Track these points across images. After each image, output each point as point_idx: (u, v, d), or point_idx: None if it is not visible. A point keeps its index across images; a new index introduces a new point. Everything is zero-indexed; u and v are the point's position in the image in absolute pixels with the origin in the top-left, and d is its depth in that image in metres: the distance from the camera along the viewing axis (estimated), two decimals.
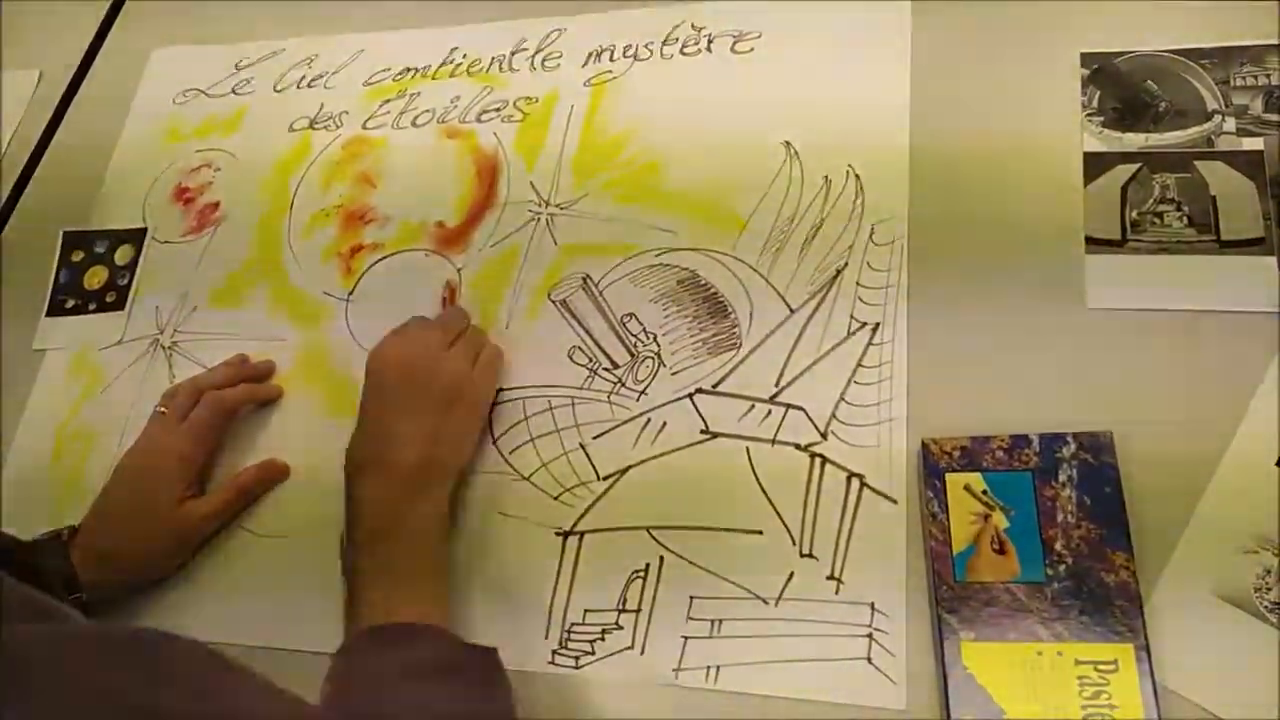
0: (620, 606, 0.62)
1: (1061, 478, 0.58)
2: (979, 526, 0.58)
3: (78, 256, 0.85)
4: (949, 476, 0.60)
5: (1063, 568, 0.56)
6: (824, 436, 0.64)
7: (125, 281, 0.83)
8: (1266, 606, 0.54)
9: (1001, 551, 0.57)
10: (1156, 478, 0.58)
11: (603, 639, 0.62)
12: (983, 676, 0.55)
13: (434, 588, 0.61)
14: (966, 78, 0.72)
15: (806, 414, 0.65)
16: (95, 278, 0.84)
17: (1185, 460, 0.58)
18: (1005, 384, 0.62)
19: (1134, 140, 0.67)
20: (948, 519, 0.58)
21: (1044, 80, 0.71)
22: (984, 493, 0.59)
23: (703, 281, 0.71)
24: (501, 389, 0.71)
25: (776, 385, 0.66)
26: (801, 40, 0.78)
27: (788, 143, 0.74)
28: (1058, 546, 0.57)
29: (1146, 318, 0.62)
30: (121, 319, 0.82)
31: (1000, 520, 0.58)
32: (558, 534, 0.65)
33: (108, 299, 0.83)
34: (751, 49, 0.78)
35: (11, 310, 0.81)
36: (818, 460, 0.63)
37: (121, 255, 0.85)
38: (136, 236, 0.85)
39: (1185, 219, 0.64)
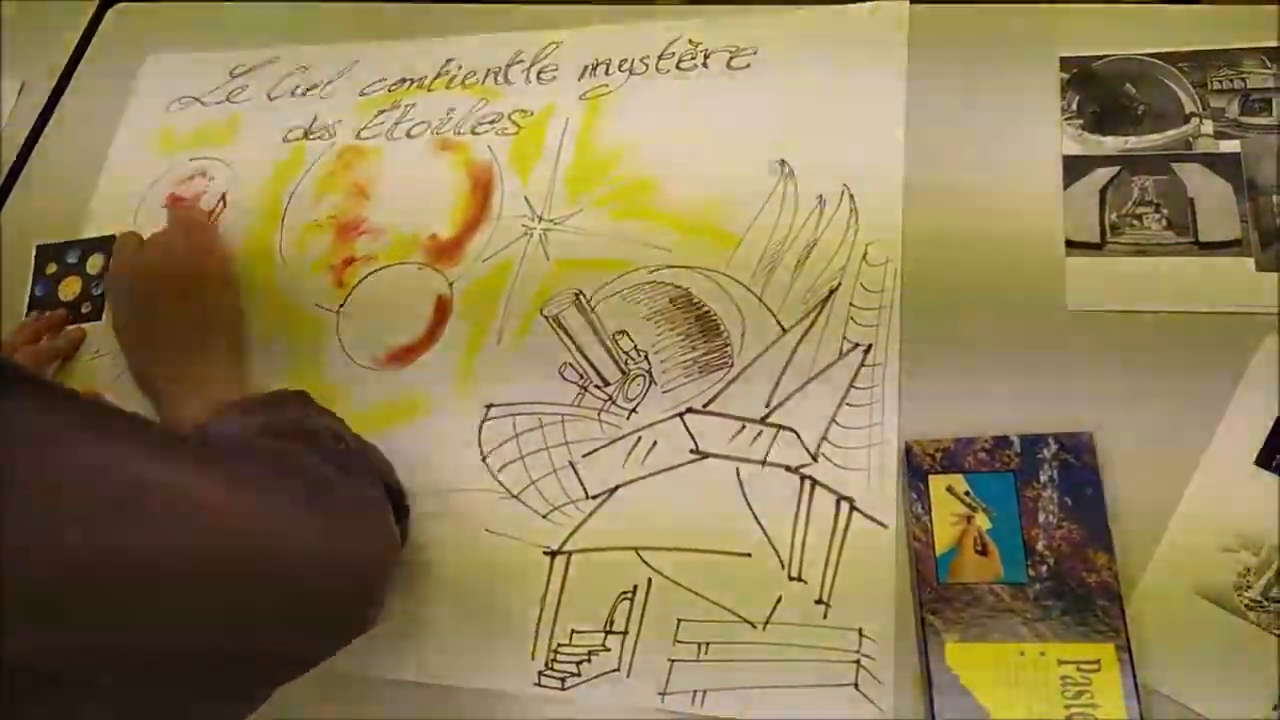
0: (607, 628, 0.62)
1: (1043, 478, 0.58)
2: (961, 528, 0.58)
3: (51, 269, 0.85)
4: (931, 478, 0.60)
5: (1044, 568, 0.57)
6: (814, 459, 0.63)
7: (99, 291, 0.83)
8: (1247, 604, 0.54)
9: (984, 552, 0.57)
10: (1137, 477, 0.58)
11: (589, 661, 0.61)
12: (966, 677, 0.55)
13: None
14: (955, 92, 0.72)
15: (797, 435, 0.64)
16: (69, 289, 0.84)
17: (1165, 459, 0.58)
18: (987, 385, 0.63)
19: (1113, 143, 0.68)
20: (930, 520, 0.59)
21: (1023, 84, 0.71)
22: (966, 494, 0.59)
23: (695, 300, 0.70)
24: (491, 405, 0.70)
25: (767, 406, 0.66)
26: (798, 57, 0.77)
27: (783, 161, 0.73)
28: (1039, 547, 0.57)
29: (1126, 319, 0.63)
30: (98, 329, 0.81)
31: (982, 521, 0.58)
32: (545, 553, 0.65)
33: (83, 309, 0.83)
34: (748, 65, 0.78)
35: None
36: (808, 483, 0.63)
37: (93, 265, 0.84)
38: (106, 245, 0.84)
39: (1164, 221, 0.65)
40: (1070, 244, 0.65)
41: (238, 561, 0.46)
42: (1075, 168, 0.68)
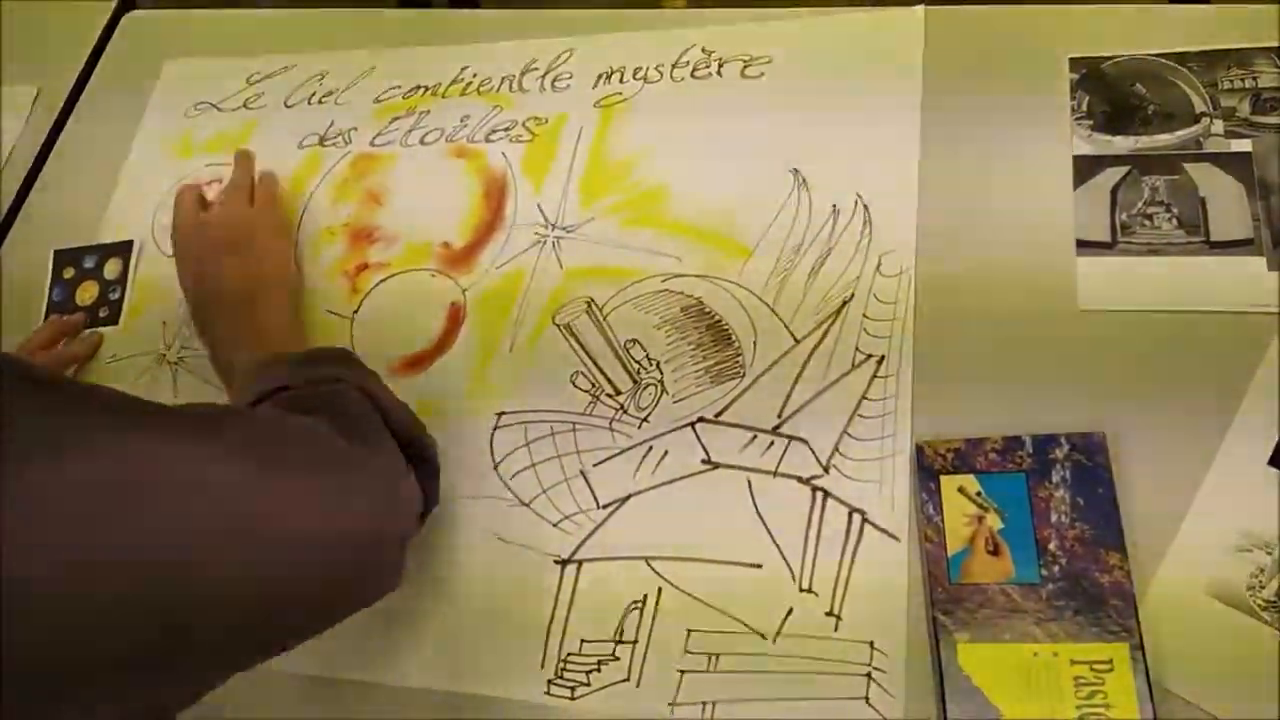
0: (617, 638, 0.62)
1: (1055, 478, 0.58)
2: (973, 528, 0.58)
3: (69, 274, 0.85)
4: (943, 478, 0.60)
5: (1057, 568, 0.56)
6: (826, 470, 0.63)
7: (117, 296, 0.83)
8: (1260, 604, 0.54)
9: (996, 553, 0.57)
10: (1149, 477, 0.58)
11: (599, 670, 0.61)
12: (979, 678, 0.55)
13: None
14: (966, 95, 0.72)
15: (809, 447, 0.64)
16: (87, 293, 0.84)
17: (1178, 460, 0.58)
18: (998, 385, 0.63)
19: (1123, 143, 0.68)
20: (942, 521, 0.59)
21: (1033, 85, 0.71)
22: (978, 494, 0.59)
23: (707, 309, 0.70)
24: (503, 412, 0.70)
25: (779, 416, 0.65)
26: (812, 65, 0.77)
27: (796, 170, 0.73)
28: (1052, 547, 0.57)
29: (1137, 318, 0.63)
30: (116, 334, 0.82)
31: (994, 521, 0.58)
32: (556, 562, 0.65)
33: (101, 314, 0.83)
34: (761, 74, 0.78)
35: (14, 330, 0.81)
36: (819, 494, 0.63)
37: (110, 269, 0.85)
38: (124, 250, 0.85)
39: (1175, 220, 0.65)
40: (1081, 244, 0.65)
41: (250, 542, 0.46)
42: (1086, 168, 0.68)
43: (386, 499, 0.56)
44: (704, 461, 0.66)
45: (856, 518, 0.61)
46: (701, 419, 0.67)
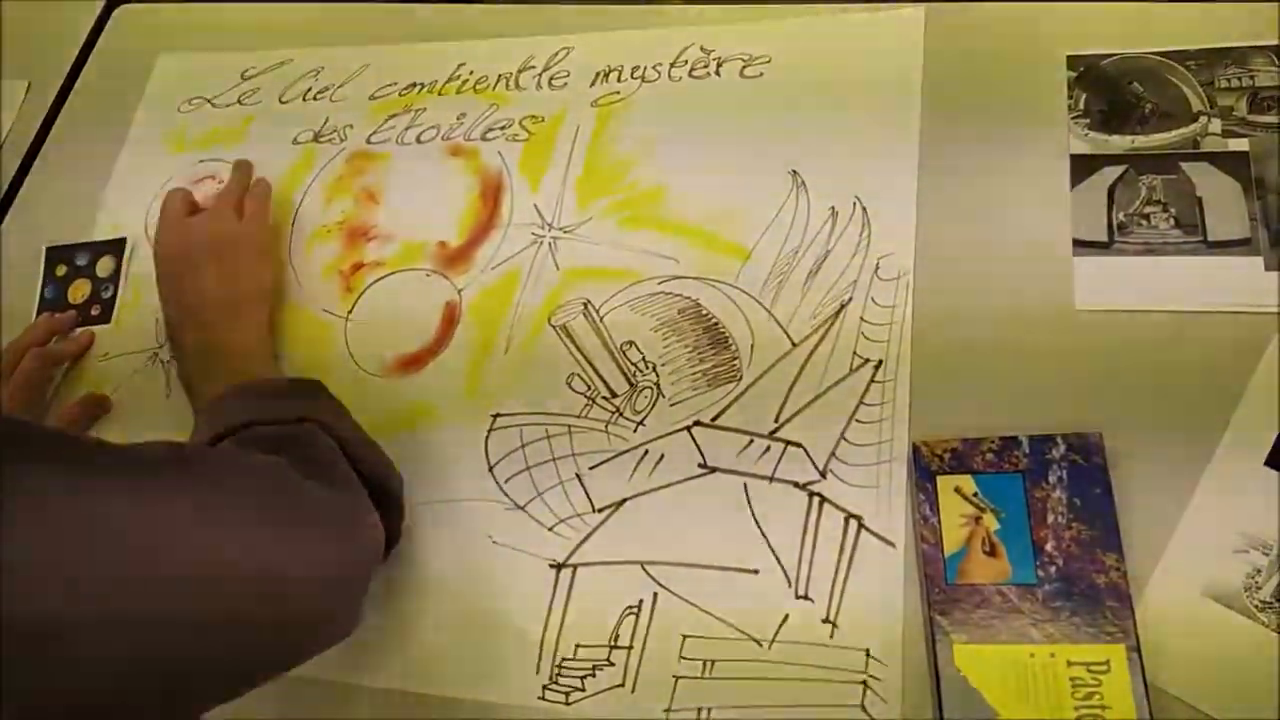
0: (612, 643, 0.62)
1: (1051, 479, 0.58)
2: (970, 529, 0.58)
3: (61, 271, 0.85)
4: (940, 479, 0.60)
5: (1053, 569, 0.56)
6: (823, 475, 0.63)
7: (109, 294, 0.83)
8: (1257, 605, 0.54)
9: (992, 553, 0.57)
10: (1146, 478, 0.58)
11: (593, 675, 0.61)
12: (975, 679, 0.55)
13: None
14: (963, 94, 0.72)
15: (806, 451, 0.64)
16: (79, 291, 0.84)
17: (1174, 460, 0.58)
18: (994, 385, 0.62)
19: (1120, 142, 0.68)
20: (939, 521, 0.59)
21: (1031, 83, 0.71)
22: (974, 495, 0.59)
23: (704, 311, 0.70)
24: (498, 414, 0.70)
25: (776, 421, 0.65)
26: (811, 65, 0.77)
27: (794, 171, 0.73)
28: (1048, 548, 0.57)
29: (1134, 318, 0.63)
30: (108, 332, 0.81)
31: (991, 522, 0.58)
32: (551, 566, 0.65)
33: (93, 312, 0.83)
34: (761, 74, 0.77)
35: (5, 328, 0.81)
36: (816, 499, 0.62)
37: (103, 267, 0.84)
38: (116, 248, 0.84)
39: (1172, 220, 0.65)
40: (1078, 243, 0.65)
41: (206, 587, 0.46)
42: (1083, 167, 0.67)
43: (346, 543, 0.56)
44: (700, 466, 0.65)
45: (853, 524, 0.61)
46: (698, 423, 0.66)
